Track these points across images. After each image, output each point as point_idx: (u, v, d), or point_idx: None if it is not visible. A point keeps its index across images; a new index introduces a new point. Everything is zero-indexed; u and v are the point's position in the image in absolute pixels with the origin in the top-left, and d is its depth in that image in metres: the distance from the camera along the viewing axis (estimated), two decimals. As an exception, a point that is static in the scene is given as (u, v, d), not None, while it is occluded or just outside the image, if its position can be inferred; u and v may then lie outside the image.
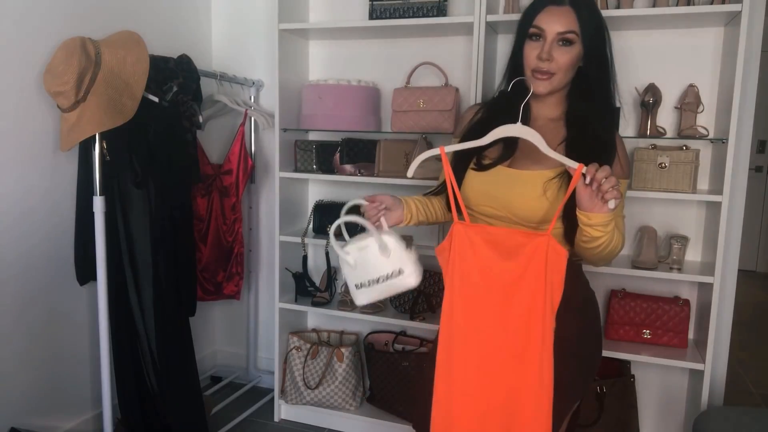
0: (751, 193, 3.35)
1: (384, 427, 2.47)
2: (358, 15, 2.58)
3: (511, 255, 1.25)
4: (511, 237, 1.26)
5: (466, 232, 1.29)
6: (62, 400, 2.22)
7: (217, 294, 2.70)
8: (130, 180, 2.03)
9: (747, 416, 1.86)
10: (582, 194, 1.21)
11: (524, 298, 1.24)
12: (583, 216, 1.23)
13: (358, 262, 1.37)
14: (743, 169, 2.21)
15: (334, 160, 2.45)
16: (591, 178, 1.19)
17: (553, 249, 1.22)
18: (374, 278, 1.37)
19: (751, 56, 2.12)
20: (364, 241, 1.37)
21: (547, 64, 1.33)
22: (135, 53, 1.98)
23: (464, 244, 1.29)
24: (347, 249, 1.38)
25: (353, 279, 1.39)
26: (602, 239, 1.25)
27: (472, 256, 1.28)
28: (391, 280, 1.36)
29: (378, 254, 1.35)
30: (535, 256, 1.22)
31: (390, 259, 1.35)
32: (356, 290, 1.40)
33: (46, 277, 2.12)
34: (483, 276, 1.28)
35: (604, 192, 1.18)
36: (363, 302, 1.40)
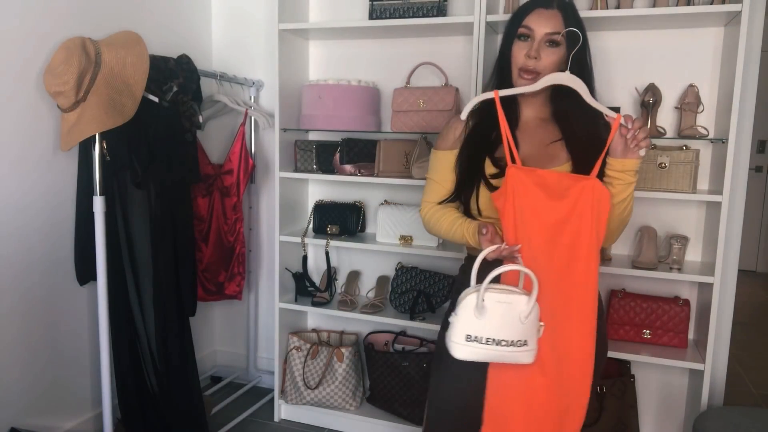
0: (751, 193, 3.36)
1: (384, 427, 2.47)
2: (358, 15, 2.58)
3: (559, 196, 1.32)
4: (560, 180, 1.34)
5: (518, 174, 1.34)
6: (62, 400, 2.22)
7: (219, 294, 2.70)
8: (130, 180, 2.04)
9: (747, 416, 1.86)
10: (618, 143, 1.33)
11: (568, 237, 1.32)
12: (618, 163, 1.34)
13: (490, 314, 1.24)
14: (743, 169, 2.21)
15: (334, 160, 2.45)
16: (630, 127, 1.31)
17: (599, 189, 1.31)
18: (496, 339, 1.23)
19: (751, 56, 2.12)
20: (511, 295, 1.25)
21: (534, 62, 1.40)
22: (135, 53, 1.98)
23: (517, 184, 1.34)
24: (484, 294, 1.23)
25: (468, 328, 1.24)
26: (632, 191, 1.36)
27: (524, 196, 1.34)
28: (511, 348, 1.24)
29: (518, 317, 1.24)
30: (581, 197, 1.31)
31: (524, 326, 1.25)
32: (463, 341, 1.24)
33: (46, 277, 2.12)
34: (533, 214, 1.33)
35: (640, 140, 1.31)
36: (462, 357, 1.26)
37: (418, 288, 2.42)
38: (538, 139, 1.47)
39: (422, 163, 2.28)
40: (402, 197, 2.57)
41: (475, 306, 1.23)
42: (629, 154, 1.33)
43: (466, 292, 1.27)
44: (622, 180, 1.35)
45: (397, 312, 2.45)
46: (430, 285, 2.44)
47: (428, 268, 2.49)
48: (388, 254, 2.59)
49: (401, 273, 2.48)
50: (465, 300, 1.25)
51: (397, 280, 2.47)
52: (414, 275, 2.46)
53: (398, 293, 2.45)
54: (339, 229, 2.52)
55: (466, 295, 1.25)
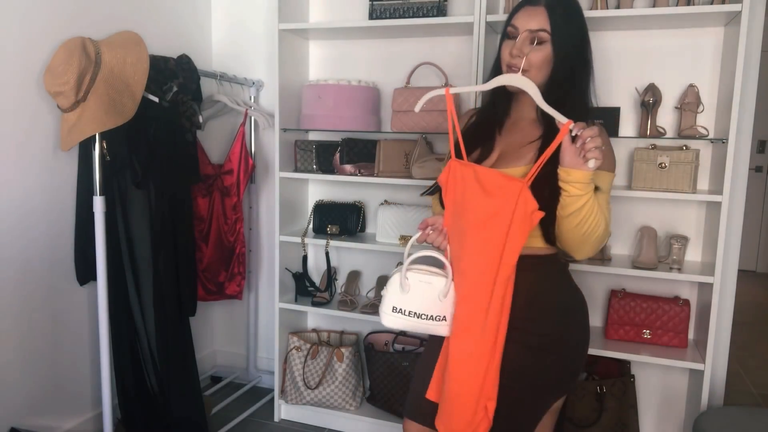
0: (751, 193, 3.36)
1: (384, 427, 2.47)
2: (358, 15, 2.58)
3: (490, 193, 1.32)
4: (494, 178, 1.33)
5: (460, 168, 1.38)
6: (62, 400, 2.22)
7: (219, 294, 2.70)
8: (130, 180, 2.04)
9: (747, 416, 1.86)
10: (566, 151, 1.26)
11: (492, 235, 1.31)
12: (563, 172, 1.28)
13: (413, 291, 1.40)
14: (743, 169, 2.21)
15: (334, 160, 2.45)
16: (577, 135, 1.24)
17: (524, 196, 1.27)
18: (418, 313, 1.40)
19: (751, 56, 2.12)
20: (431, 276, 1.40)
21: (518, 60, 1.38)
22: (135, 53, 1.98)
23: (456, 178, 1.38)
24: (410, 274, 1.40)
25: (394, 301, 1.41)
26: (584, 205, 1.28)
27: (462, 189, 1.37)
28: (430, 322, 1.41)
29: (437, 296, 1.39)
30: (509, 198, 1.29)
31: (442, 304, 1.40)
32: (390, 312, 1.42)
33: (46, 277, 2.12)
34: (465, 208, 1.36)
35: (587, 150, 1.23)
36: (389, 325, 1.43)
37: (418, 288, 2.42)
38: (517, 138, 1.45)
39: (422, 163, 2.29)
40: (402, 197, 2.57)
41: (399, 284, 1.40)
42: (578, 165, 1.25)
43: (395, 270, 1.43)
44: (568, 192, 1.28)
45: (397, 312, 2.45)
46: (430, 285, 2.43)
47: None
48: (388, 254, 2.59)
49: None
50: (392, 277, 1.42)
51: (397, 280, 2.47)
52: (414, 275, 2.45)
53: (398, 293, 2.45)
54: (339, 229, 2.52)
55: (394, 272, 1.43)
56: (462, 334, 1.36)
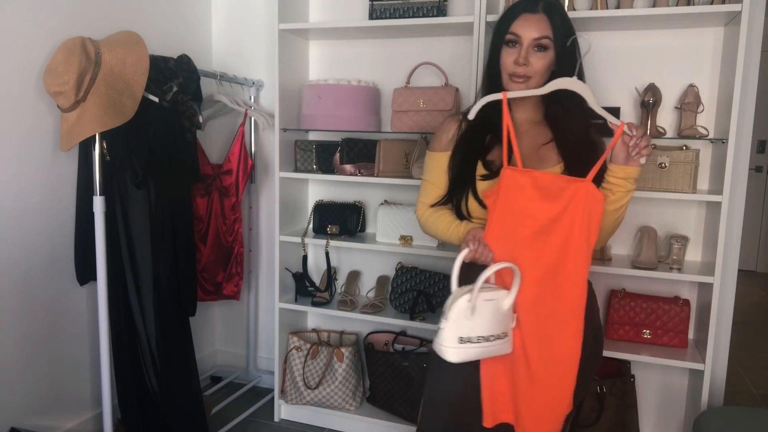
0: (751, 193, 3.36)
1: (384, 427, 2.47)
2: (358, 15, 2.58)
3: (553, 197, 1.34)
4: (554, 181, 1.35)
5: (513, 175, 1.37)
6: (62, 400, 2.22)
7: (217, 294, 2.70)
8: (130, 180, 2.03)
9: (747, 416, 1.86)
10: (621, 150, 1.35)
11: (559, 237, 1.33)
12: (619, 170, 1.36)
13: (478, 313, 1.27)
14: (743, 169, 2.21)
15: (334, 160, 2.45)
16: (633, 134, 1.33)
17: (591, 192, 1.32)
18: (485, 335, 1.29)
19: (751, 56, 2.12)
20: (493, 292, 1.30)
21: (523, 68, 1.41)
22: (135, 53, 1.98)
23: (511, 186, 1.37)
24: (469, 297, 1.26)
25: (460, 330, 1.27)
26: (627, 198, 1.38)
27: (517, 197, 1.36)
28: (497, 341, 1.31)
29: (500, 311, 1.31)
30: (575, 198, 1.32)
31: (503, 319, 1.33)
32: (457, 344, 1.27)
33: (46, 277, 2.12)
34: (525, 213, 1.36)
35: (642, 148, 1.33)
36: (457, 360, 1.29)
37: (418, 288, 2.42)
38: (530, 141, 1.48)
39: (422, 163, 2.28)
40: (402, 197, 2.57)
41: (467, 308, 1.26)
42: (631, 161, 1.35)
43: (454, 296, 1.28)
44: (623, 187, 1.37)
45: (397, 312, 2.45)
46: (430, 285, 2.44)
47: (428, 268, 2.49)
48: (388, 254, 2.59)
49: (401, 273, 2.48)
50: (456, 303, 1.26)
51: (397, 280, 2.47)
52: (414, 275, 2.45)
53: (398, 293, 2.45)
54: (339, 229, 2.52)
55: (456, 298, 1.27)
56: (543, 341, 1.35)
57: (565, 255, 1.33)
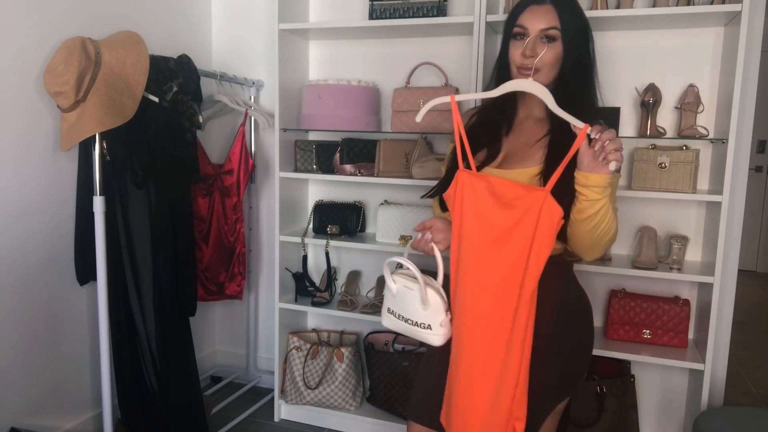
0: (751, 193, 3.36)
1: (384, 427, 2.47)
2: (358, 15, 2.58)
3: (509, 205, 1.27)
4: (512, 189, 1.28)
5: (470, 180, 1.32)
6: (62, 400, 2.22)
7: (220, 294, 2.70)
8: (130, 180, 2.03)
9: (747, 416, 1.86)
10: (584, 155, 1.23)
11: (513, 249, 1.26)
12: (582, 177, 1.25)
13: (399, 296, 1.43)
14: (743, 169, 2.21)
15: (334, 160, 2.45)
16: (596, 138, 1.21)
17: (548, 205, 1.23)
18: (404, 317, 1.43)
19: (751, 56, 2.12)
20: (412, 283, 1.40)
21: (531, 60, 1.36)
22: (135, 53, 1.98)
23: (467, 190, 1.32)
24: (396, 278, 1.43)
25: (389, 303, 1.46)
26: (600, 209, 1.26)
27: (472, 203, 1.31)
28: (417, 329, 1.41)
29: (417, 303, 1.39)
30: (531, 209, 1.24)
31: (426, 312, 1.39)
32: (386, 313, 1.46)
33: (46, 277, 2.12)
34: (480, 222, 1.31)
35: (608, 153, 1.20)
36: (386, 325, 1.48)
37: (418, 288, 2.42)
38: (524, 139, 1.44)
39: (422, 163, 2.29)
40: (402, 197, 2.57)
41: (389, 288, 1.44)
42: (597, 168, 1.23)
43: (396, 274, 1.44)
44: (586, 196, 1.25)
45: (397, 312, 2.45)
46: (430, 285, 2.43)
47: (429, 268, 2.48)
48: (388, 254, 2.58)
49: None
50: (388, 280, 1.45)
51: (397, 280, 2.47)
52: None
53: (398, 293, 2.45)
54: (339, 229, 2.52)
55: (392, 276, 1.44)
56: (485, 354, 1.30)
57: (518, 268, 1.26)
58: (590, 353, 1.52)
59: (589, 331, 1.51)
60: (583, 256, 1.39)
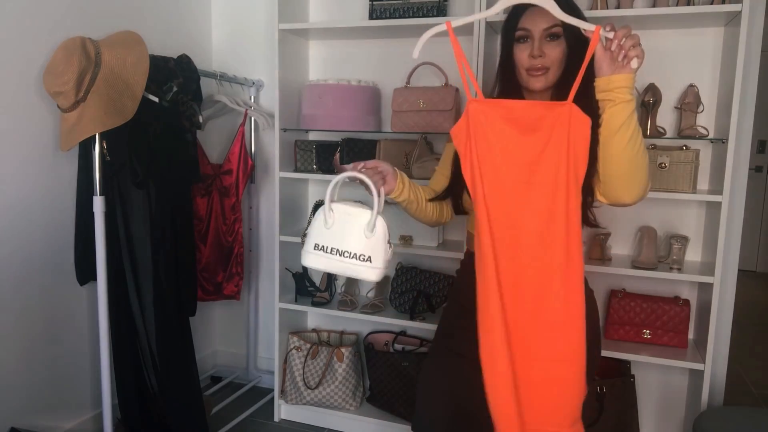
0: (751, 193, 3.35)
1: (384, 427, 2.47)
2: (358, 15, 2.58)
3: (532, 129, 1.18)
4: (531, 110, 1.19)
5: (482, 108, 1.22)
6: (62, 400, 2.22)
7: (217, 294, 2.70)
8: (130, 180, 2.03)
9: (747, 416, 1.86)
10: (602, 59, 1.17)
11: (548, 174, 1.17)
12: (604, 82, 1.18)
13: (336, 226, 1.29)
14: (743, 169, 2.21)
15: (334, 160, 2.45)
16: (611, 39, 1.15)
17: (576, 116, 1.16)
18: (340, 250, 1.28)
19: (751, 56, 2.12)
20: (356, 208, 1.29)
21: (540, 60, 1.36)
22: (135, 53, 1.98)
23: (481, 122, 1.21)
24: (333, 206, 1.30)
25: (317, 238, 1.30)
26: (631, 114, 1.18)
27: (491, 135, 1.21)
28: (355, 262, 1.28)
29: (361, 230, 1.27)
30: (557, 126, 1.16)
31: (368, 242, 1.28)
32: (312, 250, 1.30)
33: (46, 277, 2.12)
34: (504, 155, 1.20)
35: (627, 49, 1.14)
36: (310, 265, 1.31)
37: (418, 288, 2.42)
38: None
39: (422, 163, 2.28)
40: (402, 197, 2.56)
41: (323, 218, 1.29)
42: (618, 69, 1.16)
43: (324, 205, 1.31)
44: (613, 100, 1.17)
45: (397, 312, 2.45)
46: (430, 285, 2.44)
47: (428, 268, 2.49)
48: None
49: (401, 273, 2.48)
50: (318, 211, 1.31)
51: (397, 280, 2.47)
52: (414, 275, 2.45)
53: (398, 293, 2.45)
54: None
55: (319, 207, 1.31)
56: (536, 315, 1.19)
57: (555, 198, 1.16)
58: (600, 351, 1.53)
59: (598, 328, 1.52)
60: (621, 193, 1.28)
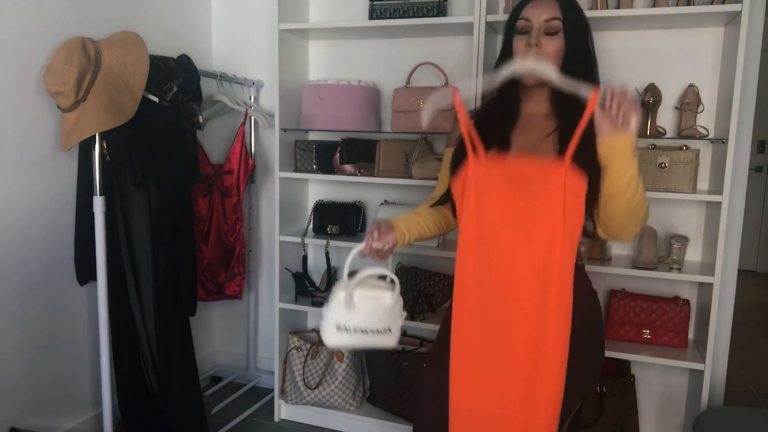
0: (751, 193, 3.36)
1: (384, 427, 2.47)
2: (358, 15, 2.58)
3: (530, 185, 1.21)
4: (529, 167, 1.23)
5: (483, 169, 1.26)
6: (62, 400, 2.22)
7: (219, 294, 2.70)
8: (130, 180, 2.04)
9: (747, 416, 1.86)
10: (602, 121, 1.20)
11: (545, 230, 1.19)
12: (607, 142, 1.21)
13: (359, 308, 1.35)
14: (743, 169, 2.21)
15: (334, 160, 2.45)
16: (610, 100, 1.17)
17: (572, 175, 1.18)
18: (363, 328, 1.36)
19: (751, 56, 2.12)
20: (378, 291, 1.36)
21: (535, 49, 1.36)
22: (135, 53, 1.98)
23: (478, 178, 1.25)
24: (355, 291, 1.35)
25: (339, 318, 1.35)
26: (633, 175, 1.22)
27: (490, 192, 1.24)
28: (377, 335, 1.37)
29: (382, 309, 1.35)
30: (554, 184, 1.19)
31: (387, 317, 1.37)
32: (335, 332, 1.36)
33: (46, 277, 2.12)
34: (499, 213, 1.23)
35: (626, 111, 1.17)
36: (332, 345, 1.38)
37: (418, 288, 2.42)
38: (535, 134, 1.41)
39: (422, 163, 2.29)
40: (402, 197, 2.57)
41: (344, 301, 1.34)
42: (618, 130, 1.19)
43: (336, 287, 1.36)
44: (616, 162, 1.21)
45: (397, 312, 2.45)
46: (430, 285, 2.44)
47: (428, 268, 2.49)
48: (388, 254, 2.58)
49: (401, 273, 2.48)
50: (336, 295, 1.35)
51: (397, 280, 2.47)
52: (414, 275, 2.45)
53: (398, 293, 2.45)
54: (339, 229, 2.52)
55: (337, 290, 1.36)
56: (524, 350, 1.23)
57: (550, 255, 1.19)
58: (603, 351, 1.52)
59: (602, 328, 1.52)
60: (620, 235, 1.34)
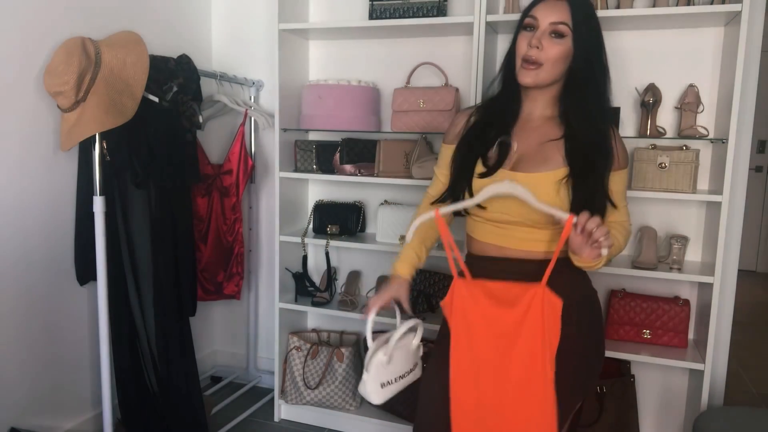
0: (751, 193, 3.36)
1: (384, 427, 2.47)
2: (358, 15, 2.58)
3: (510, 305, 1.30)
4: (508, 289, 1.31)
5: (467, 287, 1.36)
6: (62, 400, 2.22)
7: (218, 294, 2.70)
8: (130, 180, 2.04)
9: (747, 416, 1.86)
10: (575, 241, 1.26)
11: (526, 343, 1.29)
12: (575, 259, 1.31)
13: (394, 359, 1.43)
14: (743, 169, 2.21)
15: (334, 160, 2.45)
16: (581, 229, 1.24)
17: (548, 299, 1.28)
18: (400, 374, 1.46)
19: (751, 56, 2.12)
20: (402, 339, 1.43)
21: (536, 51, 1.35)
22: (135, 53, 1.98)
23: (465, 298, 1.35)
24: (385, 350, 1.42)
25: (382, 377, 1.43)
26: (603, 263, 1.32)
27: (473, 308, 1.34)
28: (410, 374, 1.47)
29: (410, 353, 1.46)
30: (532, 305, 1.28)
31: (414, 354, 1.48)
32: (380, 389, 1.43)
33: (46, 277, 2.11)
34: (486, 325, 1.33)
35: (595, 240, 1.23)
36: (380, 402, 1.44)
37: (418, 288, 2.42)
38: (537, 137, 1.41)
39: (422, 163, 2.28)
40: (402, 197, 2.57)
41: (384, 360, 1.42)
42: (588, 251, 1.26)
43: (372, 350, 1.43)
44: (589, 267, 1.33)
45: (397, 312, 2.45)
46: (430, 285, 2.44)
47: (428, 268, 2.48)
48: (388, 254, 2.58)
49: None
50: (375, 358, 1.42)
51: (397, 280, 2.47)
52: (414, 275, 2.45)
53: (398, 293, 2.45)
54: (339, 229, 2.52)
55: (374, 353, 1.43)
56: None
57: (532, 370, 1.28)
58: (603, 351, 1.53)
59: (602, 326, 1.53)
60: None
